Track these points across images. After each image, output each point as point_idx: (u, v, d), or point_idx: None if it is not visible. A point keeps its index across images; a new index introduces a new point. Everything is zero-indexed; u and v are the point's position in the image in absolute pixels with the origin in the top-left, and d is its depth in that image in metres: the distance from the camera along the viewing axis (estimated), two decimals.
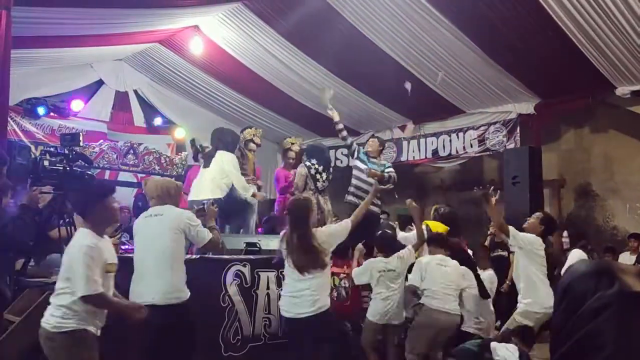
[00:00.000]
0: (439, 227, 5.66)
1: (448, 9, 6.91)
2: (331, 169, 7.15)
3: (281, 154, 8.58)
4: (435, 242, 5.33)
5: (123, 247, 5.33)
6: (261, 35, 8.12)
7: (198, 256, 5.04)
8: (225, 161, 6.10)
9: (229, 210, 6.13)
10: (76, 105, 9.60)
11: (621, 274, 1.27)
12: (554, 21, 6.56)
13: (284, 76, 9.13)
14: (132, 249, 4.42)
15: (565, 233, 8.46)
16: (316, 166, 6.85)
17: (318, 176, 6.82)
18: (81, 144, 5.67)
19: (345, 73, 8.82)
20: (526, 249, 5.02)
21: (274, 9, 7.58)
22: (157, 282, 3.78)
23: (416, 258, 5.38)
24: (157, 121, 10.61)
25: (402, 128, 10.40)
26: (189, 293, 3.90)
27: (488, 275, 6.26)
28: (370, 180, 6.52)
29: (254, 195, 6.33)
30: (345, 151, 10.45)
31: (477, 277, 5.64)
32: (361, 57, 8.12)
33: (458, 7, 6.86)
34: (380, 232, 5.58)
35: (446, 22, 7.08)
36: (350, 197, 6.84)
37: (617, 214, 9.04)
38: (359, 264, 5.39)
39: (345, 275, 5.69)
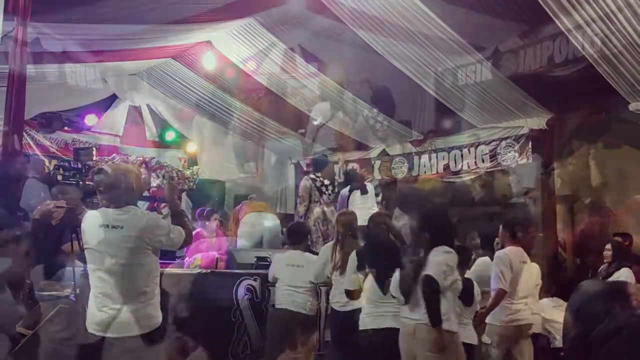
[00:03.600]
0: None
1: (457, 23, 6.92)
2: (336, 181, 7.15)
3: None
4: None
5: None
6: (272, 50, 8.18)
7: (209, 270, 5.05)
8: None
9: None
10: (90, 119, 9.71)
11: (633, 296, 1.26)
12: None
13: (295, 91, 9.17)
14: None
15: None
16: (321, 179, 6.83)
17: (324, 189, 6.77)
18: (94, 158, 5.76)
19: (355, 87, 8.84)
20: None
21: (284, 24, 7.64)
22: (122, 310, 3.21)
23: None
24: (170, 136, 10.70)
25: (415, 143, 10.36)
26: (160, 318, 3.36)
27: None
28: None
29: None
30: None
31: None
32: (371, 71, 8.15)
33: (467, 21, 6.87)
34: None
35: (455, 36, 7.09)
36: None
37: (630, 230, 8.93)
38: None
39: None
